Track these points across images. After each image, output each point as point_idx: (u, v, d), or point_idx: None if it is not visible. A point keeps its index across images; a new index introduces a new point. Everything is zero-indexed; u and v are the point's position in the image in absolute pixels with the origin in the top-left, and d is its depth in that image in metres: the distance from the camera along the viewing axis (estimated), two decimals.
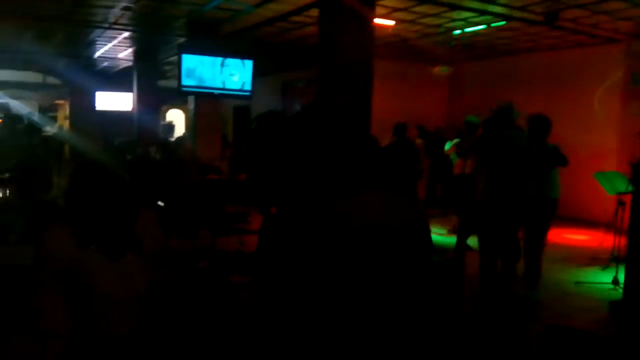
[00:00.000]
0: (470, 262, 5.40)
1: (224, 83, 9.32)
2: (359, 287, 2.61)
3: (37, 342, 2.16)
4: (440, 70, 11.48)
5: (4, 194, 5.05)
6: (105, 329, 2.22)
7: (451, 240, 7.31)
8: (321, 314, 2.65)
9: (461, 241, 6.71)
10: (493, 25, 8.89)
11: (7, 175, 6.20)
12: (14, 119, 12.89)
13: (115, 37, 11.55)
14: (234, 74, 9.36)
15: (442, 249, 6.59)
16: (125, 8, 8.74)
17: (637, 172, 5.10)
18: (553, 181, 5.45)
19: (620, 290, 5.25)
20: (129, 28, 10.48)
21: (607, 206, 7.43)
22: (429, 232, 3.17)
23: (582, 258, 7.01)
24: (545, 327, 2.71)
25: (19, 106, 18.48)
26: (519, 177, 5.17)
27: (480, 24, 8.95)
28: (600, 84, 9.90)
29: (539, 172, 5.30)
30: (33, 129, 11.46)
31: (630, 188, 5.31)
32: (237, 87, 9.44)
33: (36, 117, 17.44)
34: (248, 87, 9.50)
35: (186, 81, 9.04)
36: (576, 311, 5.06)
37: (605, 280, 5.83)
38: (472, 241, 6.93)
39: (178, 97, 14.48)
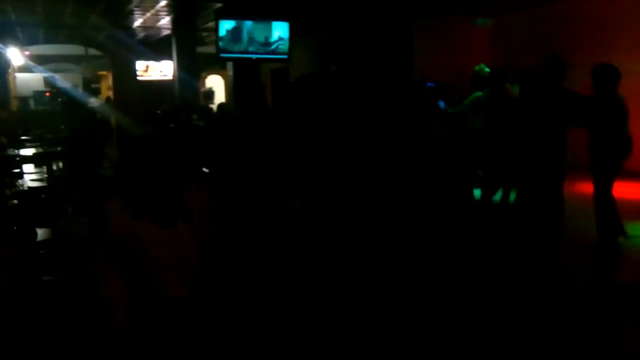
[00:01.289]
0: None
1: (261, 47, 9.31)
2: (396, 243, 2.65)
3: (98, 307, 2.30)
4: (481, 22, 11.11)
5: (58, 167, 5.26)
6: (160, 292, 2.34)
7: None
8: (361, 269, 2.71)
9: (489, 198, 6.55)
10: None
11: (59, 148, 6.45)
12: (62, 93, 13.29)
13: (153, 6, 11.64)
14: (271, 37, 9.34)
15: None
16: None
17: None
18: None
19: None
20: None
21: None
22: (470, 190, 3.16)
23: (633, 211, 6.82)
24: (594, 283, 2.71)
25: (64, 80, 18.97)
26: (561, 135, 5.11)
27: None
28: None
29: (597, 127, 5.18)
30: (80, 102, 11.80)
31: None
32: (275, 50, 9.42)
33: (80, 90, 17.90)
34: (285, 49, 9.46)
35: (224, 46, 9.07)
36: (627, 266, 4.97)
37: None
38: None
39: (216, 63, 14.56)
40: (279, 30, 9.37)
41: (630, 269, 4.86)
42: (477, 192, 6.79)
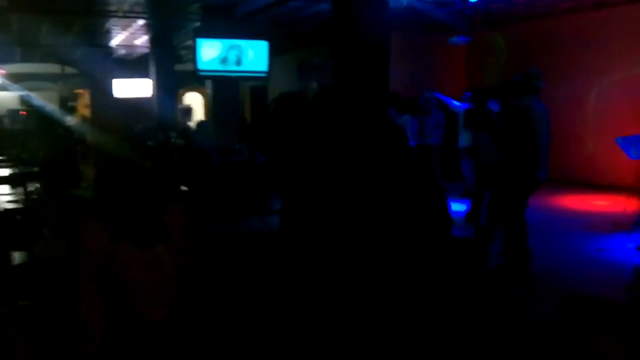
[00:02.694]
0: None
1: (240, 65, 9.35)
2: (376, 263, 2.67)
3: (77, 331, 2.28)
4: (457, 41, 11.32)
5: (35, 188, 5.20)
6: (140, 315, 2.33)
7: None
8: (341, 287, 2.73)
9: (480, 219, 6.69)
10: None
11: (36, 169, 6.37)
12: (37, 111, 13.16)
13: (130, 25, 11.63)
14: (249, 56, 9.39)
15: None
16: None
17: None
18: None
19: None
20: (144, 15, 10.55)
21: (628, 171, 7.36)
22: (445, 207, 3.21)
23: (604, 224, 6.95)
24: (568, 297, 2.76)
25: (40, 98, 18.77)
26: (543, 148, 5.02)
27: None
28: (623, 47, 9.67)
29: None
30: (56, 120, 11.68)
31: None
32: (254, 68, 9.47)
33: (57, 108, 17.71)
34: (264, 68, 9.51)
35: (203, 65, 9.09)
36: (599, 278, 5.05)
37: (629, 245, 5.81)
38: None
39: (195, 80, 14.55)
40: (258, 49, 9.43)
41: (603, 282, 4.94)
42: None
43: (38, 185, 5.14)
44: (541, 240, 5.56)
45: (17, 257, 3.28)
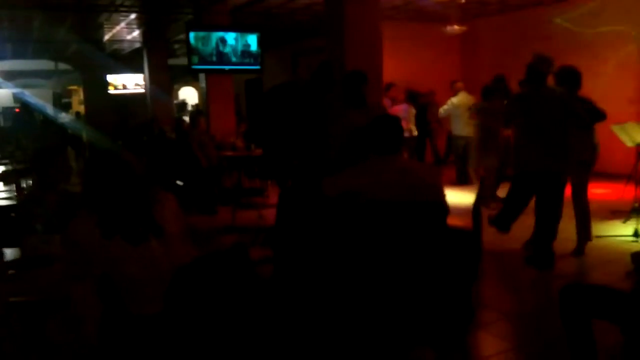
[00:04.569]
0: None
1: (233, 58, 9.29)
2: (376, 251, 2.65)
3: (71, 327, 2.25)
4: (450, 29, 11.28)
5: (27, 184, 5.16)
6: (133, 310, 2.30)
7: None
8: (342, 279, 2.70)
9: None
10: None
11: (27, 165, 6.32)
12: (29, 109, 13.10)
13: (123, 20, 11.55)
14: (242, 49, 9.33)
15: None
16: None
17: None
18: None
19: None
20: (136, 9, 10.47)
21: (626, 158, 7.34)
22: (442, 192, 3.17)
23: (602, 211, 6.93)
24: (566, 285, 2.74)
25: (33, 96, 18.67)
26: (562, 135, 4.90)
27: None
28: (616, 33, 9.64)
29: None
30: (48, 118, 11.65)
31: None
32: (247, 61, 9.42)
33: (50, 105, 17.62)
34: (257, 60, 9.46)
35: (196, 59, 9.03)
36: (597, 265, 5.05)
37: (626, 233, 5.80)
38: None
39: (189, 75, 14.48)
40: (251, 41, 9.37)
41: (602, 269, 4.94)
42: None
43: (30, 181, 5.11)
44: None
45: (8, 253, 3.25)
